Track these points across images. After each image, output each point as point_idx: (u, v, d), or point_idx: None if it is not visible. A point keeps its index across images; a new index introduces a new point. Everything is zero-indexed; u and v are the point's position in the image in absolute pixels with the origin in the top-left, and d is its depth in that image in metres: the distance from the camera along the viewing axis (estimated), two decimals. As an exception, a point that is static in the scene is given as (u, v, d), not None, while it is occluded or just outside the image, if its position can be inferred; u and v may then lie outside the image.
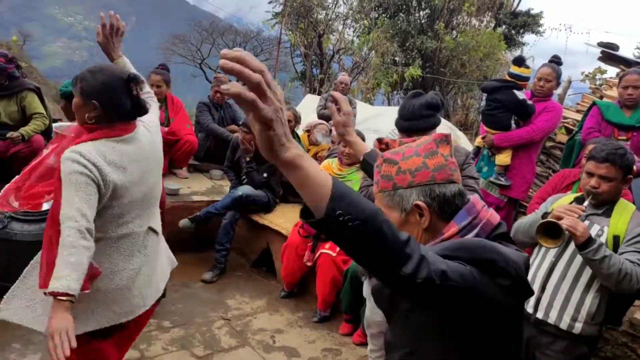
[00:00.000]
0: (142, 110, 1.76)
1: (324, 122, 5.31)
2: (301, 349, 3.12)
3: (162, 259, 2.02)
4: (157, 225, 1.94)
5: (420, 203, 1.05)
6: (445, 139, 1.10)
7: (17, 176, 2.97)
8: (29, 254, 3.02)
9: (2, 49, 6.44)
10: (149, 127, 1.89)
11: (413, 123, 2.06)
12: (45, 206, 3.22)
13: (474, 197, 1.11)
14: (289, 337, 3.24)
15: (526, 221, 2.17)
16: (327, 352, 3.13)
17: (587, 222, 2.02)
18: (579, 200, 2.10)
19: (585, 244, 1.87)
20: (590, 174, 2.03)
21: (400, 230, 0.91)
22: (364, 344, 3.19)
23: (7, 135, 3.51)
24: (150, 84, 4.09)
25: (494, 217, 1.09)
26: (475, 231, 1.05)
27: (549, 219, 1.93)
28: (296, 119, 4.57)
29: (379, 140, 1.22)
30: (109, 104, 1.67)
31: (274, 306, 3.63)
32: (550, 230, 1.88)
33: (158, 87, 4.22)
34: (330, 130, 5.07)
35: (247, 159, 4.01)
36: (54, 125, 4.08)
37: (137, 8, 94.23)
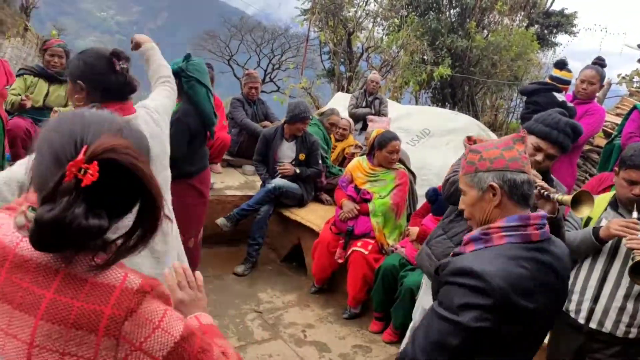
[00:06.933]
0: (130, 86, 1.70)
1: (343, 117, 5.28)
2: (332, 345, 3.17)
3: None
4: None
5: (494, 184, 1.31)
6: (521, 139, 1.37)
7: None
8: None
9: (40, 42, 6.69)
10: (153, 115, 1.82)
11: (553, 132, 2.00)
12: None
13: (535, 214, 1.33)
14: (319, 332, 3.29)
15: (573, 237, 2.10)
16: (358, 349, 3.16)
17: None
18: (613, 205, 2.08)
19: None
20: (633, 182, 1.97)
21: (474, 205, 1.35)
22: (394, 342, 3.21)
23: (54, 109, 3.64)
24: None
25: (535, 235, 1.31)
26: (513, 236, 1.29)
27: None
28: (350, 127, 5.01)
29: (469, 137, 1.41)
30: (91, 82, 1.64)
31: (305, 301, 3.68)
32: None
33: None
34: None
35: (298, 171, 4.14)
36: None
37: (168, 4, 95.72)
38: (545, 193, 1.81)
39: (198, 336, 0.86)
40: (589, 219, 2.14)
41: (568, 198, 1.67)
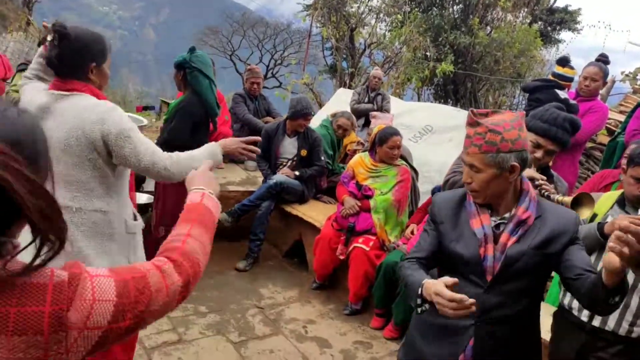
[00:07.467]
0: (54, 58, 1.74)
1: (346, 112, 5.23)
2: (332, 341, 3.17)
3: None
4: None
5: (516, 164, 1.44)
6: (524, 116, 1.51)
7: None
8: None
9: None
10: (88, 114, 1.68)
11: (552, 129, 2.00)
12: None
13: None
14: (320, 328, 3.29)
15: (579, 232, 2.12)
16: (359, 345, 3.16)
17: None
18: (620, 203, 2.06)
19: None
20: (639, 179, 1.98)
21: (490, 182, 1.46)
22: (395, 339, 3.22)
23: None
24: None
25: None
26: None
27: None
28: (352, 126, 4.83)
29: (472, 111, 1.51)
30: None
31: (306, 297, 3.69)
32: None
33: None
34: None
35: (297, 174, 4.17)
36: None
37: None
38: (546, 193, 1.81)
39: (129, 279, 0.84)
40: (594, 216, 2.13)
41: (568, 199, 1.67)
